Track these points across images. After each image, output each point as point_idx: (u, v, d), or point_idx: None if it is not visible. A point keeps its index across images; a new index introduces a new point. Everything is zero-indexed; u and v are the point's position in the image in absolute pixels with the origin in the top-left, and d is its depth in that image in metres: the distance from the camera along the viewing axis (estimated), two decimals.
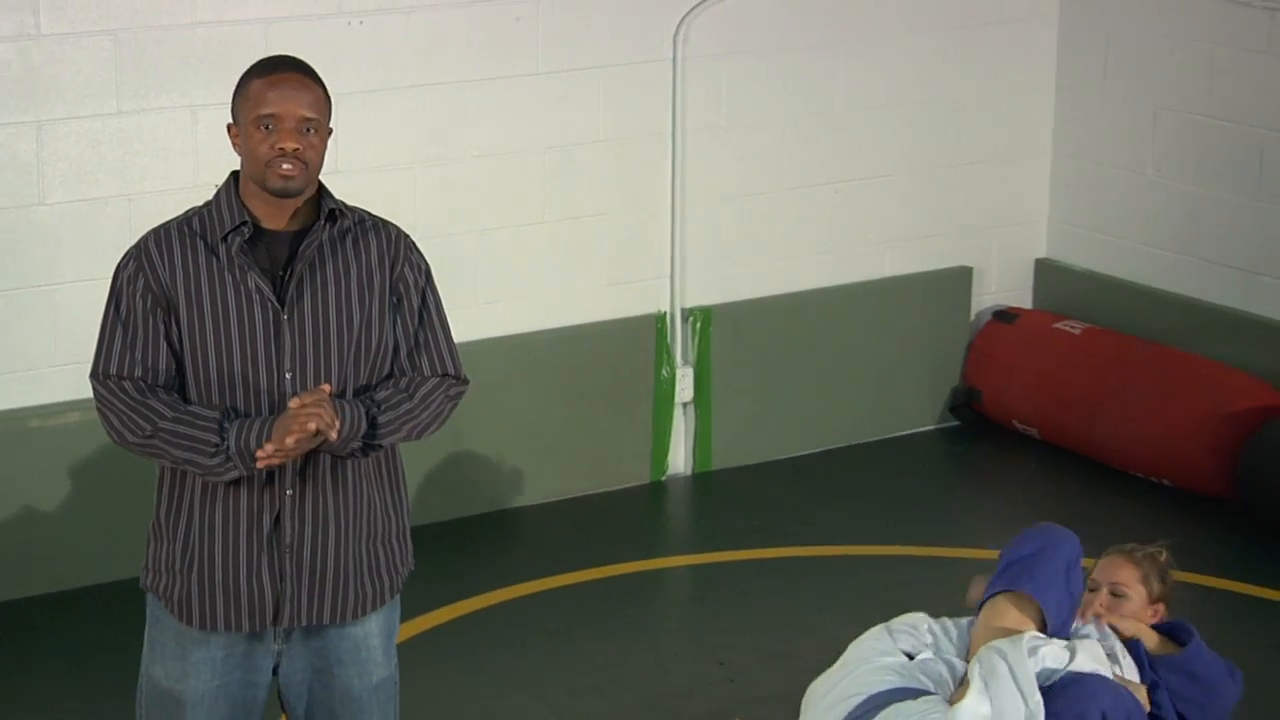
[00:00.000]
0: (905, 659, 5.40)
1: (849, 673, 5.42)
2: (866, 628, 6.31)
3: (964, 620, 5.59)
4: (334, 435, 4.09)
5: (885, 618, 6.36)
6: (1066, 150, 8.37)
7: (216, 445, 4.13)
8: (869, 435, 8.16)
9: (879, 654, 5.45)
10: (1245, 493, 7.32)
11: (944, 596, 6.71)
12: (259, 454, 4.09)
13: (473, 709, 6.07)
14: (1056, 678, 5.19)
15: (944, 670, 5.36)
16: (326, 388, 4.15)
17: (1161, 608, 5.56)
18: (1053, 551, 5.47)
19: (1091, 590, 5.51)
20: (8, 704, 6.16)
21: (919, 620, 5.53)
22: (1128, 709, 5.18)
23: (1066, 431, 8.00)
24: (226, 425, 4.14)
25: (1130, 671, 5.30)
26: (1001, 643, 5.23)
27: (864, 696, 5.28)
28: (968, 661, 5.32)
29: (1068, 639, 5.36)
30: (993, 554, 7.11)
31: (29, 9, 6.49)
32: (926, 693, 5.25)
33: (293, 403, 4.10)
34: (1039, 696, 5.13)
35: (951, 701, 5.15)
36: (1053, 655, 5.22)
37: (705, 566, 7.17)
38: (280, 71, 4.22)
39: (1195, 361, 7.79)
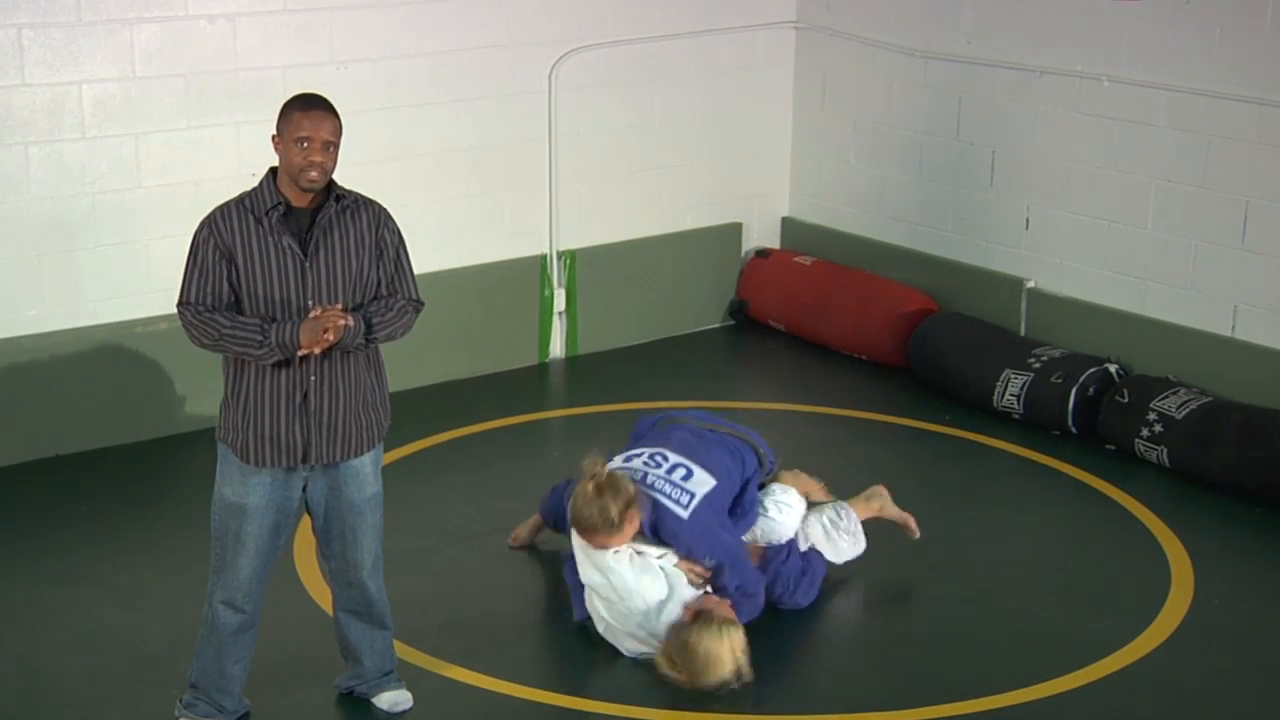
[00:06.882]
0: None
1: None
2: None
3: None
4: (346, 322, 4.07)
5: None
6: (800, 148, 8.37)
7: (261, 341, 4.11)
8: (678, 330, 8.16)
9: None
10: (912, 364, 7.45)
11: None
12: (303, 345, 4.06)
13: (427, 510, 6.07)
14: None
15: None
16: (339, 306, 4.14)
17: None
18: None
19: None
20: (155, 492, 6.16)
21: None
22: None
23: (801, 326, 8.04)
24: (267, 327, 4.11)
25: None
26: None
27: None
28: None
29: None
30: (754, 404, 7.21)
31: (128, 60, 6.39)
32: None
33: (314, 312, 4.07)
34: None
35: None
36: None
37: (574, 416, 7.16)
38: (314, 107, 4.15)
39: (881, 281, 7.86)
